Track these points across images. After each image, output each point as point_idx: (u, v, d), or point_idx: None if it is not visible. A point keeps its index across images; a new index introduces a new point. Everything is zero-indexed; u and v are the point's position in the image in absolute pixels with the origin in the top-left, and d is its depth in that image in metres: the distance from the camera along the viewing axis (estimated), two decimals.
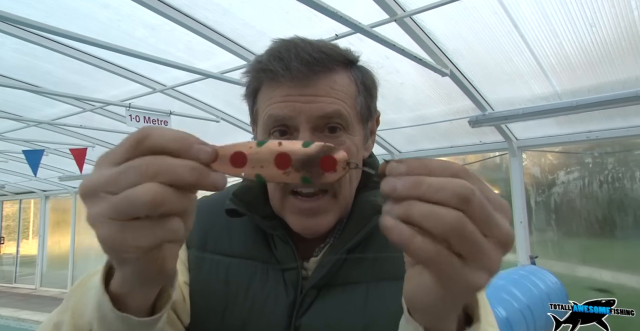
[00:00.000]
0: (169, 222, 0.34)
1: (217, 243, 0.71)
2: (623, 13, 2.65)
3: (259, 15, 3.06)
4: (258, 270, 0.68)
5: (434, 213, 0.31)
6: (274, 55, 0.63)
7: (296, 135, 0.62)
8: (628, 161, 4.00)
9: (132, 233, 0.34)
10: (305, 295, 0.65)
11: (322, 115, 0.62)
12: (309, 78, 0.61)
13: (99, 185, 0.34)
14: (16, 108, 4.91)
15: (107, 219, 0.33)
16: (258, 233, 0.70)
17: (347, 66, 0.67)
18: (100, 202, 0.34)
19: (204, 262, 0.70)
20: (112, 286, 0.43)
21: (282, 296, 0.65)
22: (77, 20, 3.15)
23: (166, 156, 0.34)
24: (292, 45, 0.63)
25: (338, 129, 0.63)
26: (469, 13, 2.79)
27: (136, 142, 0.34)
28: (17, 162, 6.89)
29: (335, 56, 0.64)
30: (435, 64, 3.07)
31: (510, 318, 2.90)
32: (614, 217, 4.06)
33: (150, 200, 0.32)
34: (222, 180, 0.35)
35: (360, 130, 0.68)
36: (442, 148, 4.77)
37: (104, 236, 0.34)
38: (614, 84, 3.26)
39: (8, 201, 11.33)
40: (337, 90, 0.63)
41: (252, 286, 0.67)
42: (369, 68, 0.71)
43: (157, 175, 0.33)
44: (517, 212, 4.25)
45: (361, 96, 0.67)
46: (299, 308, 0.64)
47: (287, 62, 0.61)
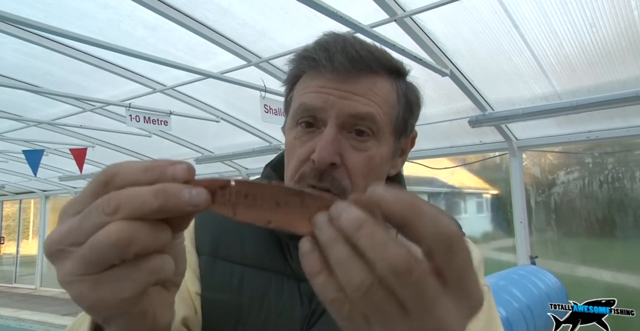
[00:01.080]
0: (147, 262, 0.30)
1: (229, 250, 0.67)
2: (623, 13, 2.64)
3: (259, 15, 3.06)
4: (272, 280, 0.64)
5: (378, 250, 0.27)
6: (321, 45, 0.61)
7: (323, 129, 0.59)
8: (628, 161, 4.00)
9: (109, 286, 0.29)
10: (317, 305, 0.62)
11: (354, 114, 0.59)
12: (350, 74, 0.59)
13: (62, 239, 0.29)
14: (16, 108, 4.91)
15: (78, 277, 0.29)
16: (272, 240, 0.67)
17: (392, 74, 0.64)
18: (66, 259, 0.29)
19: (215, 270, 0.66)
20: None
21: (297, 310, 0.62)
22: (77, 20, 3.14)
23: (128, 187, 0.29)
24: (342, 39, 0.61)
25: (366, 134, 0.60)
26: (469, 13, 2.79)
27: (103, 185, 0.30)
28: (17, 162, 6.89)
29: (382, 60, 0.62)
30: (435, 64, 3.07)
31: (510, 318, 2.90)
32: (614, 217, 4.06)
33: (114, 241, 0.28)
34: (201, 196, 0.29)
35: (391, 142, 0.64)
36: (442, 148, 4.77)
37: (78, 296, 0.29)
38: (614, 84, 3.25)
39: (8, 201, 11.34)
40: (376, 93, 0.60)
41: (266, 297, 0.63)
42: (417, 87, 0.68)
43: (117, 210, 0.28)
44: (517, 212, 4.25)
45: (400, 107, 0.64)
46: (309, 319, 0.62)
47: (332, 54, 0.59)
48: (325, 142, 0.57)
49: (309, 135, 0.61)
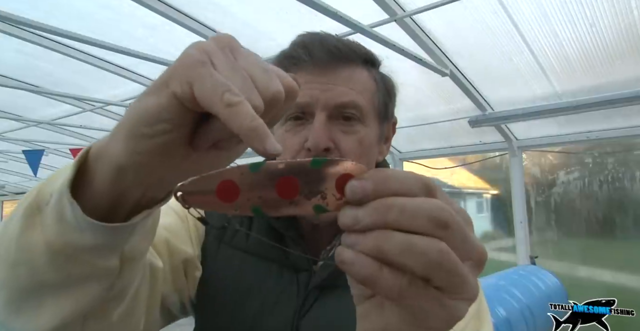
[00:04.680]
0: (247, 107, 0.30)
1: (234, 237, 0.70)
2: (623, 13, 2.64)
3: (259, 15, 3.06)
4: (273, 269, 0.67)
5: (413, 248, 0.26)
6: (299, 43, 0.65)
7: (311, 121, 0.63)
8: (628, 161, 4.00)
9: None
10: (308, 296, 0.65)
11: (339, 104, 0.62)
12: (330, 66, 0.63)
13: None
14: (16, 109, 4.91)
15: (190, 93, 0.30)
16: (274, 232, 0.70)
17: (367, 64, 0.68)
18: (204, 79, 0.30)
19: (219, 253, 0.69)
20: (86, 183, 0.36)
21: (294, 298, 0.65)
22: (77, 20, 3.14)
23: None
24: (317, 36, 0.66)
25: (353, 119, 0.64)
26: (469, 13, 2.79)
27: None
28: (17, 162, 6.89)
29: (358, 52, 0.66)
30: (435, 64, 3.07)
31: (510, 318, 2.90)
32: (614, 217, 4.06)
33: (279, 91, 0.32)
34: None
35: (376, 126, 0.68)
36: (442, 148, 4.77)
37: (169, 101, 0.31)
38: (614, 84, 3.25)
39: (8, 201, 11.33)
40: (356, 82, 0.64)
41: (265, 285, 0.66)
42: (389, 76, 0.73)
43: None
44: (517, 211, 4.24)
45: (380, 93, 0.68)
46: (301, 308, 0.64)
47: (311, 50, 0.63)
48: (318, 128, 0.61)
49: (299, 127, 0.64)
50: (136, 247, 0.42)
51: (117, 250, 0.40)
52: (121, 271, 0.41)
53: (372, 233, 0.27)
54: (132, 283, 0.46)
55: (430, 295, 0.28)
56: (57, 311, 0.40)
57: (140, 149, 0.32)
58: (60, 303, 0.40)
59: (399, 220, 0.26)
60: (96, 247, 0.37)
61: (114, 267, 0.40)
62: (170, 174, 0.36)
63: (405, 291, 0.27)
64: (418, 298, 0.28)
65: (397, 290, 0.27)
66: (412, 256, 0.26)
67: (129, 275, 0.44)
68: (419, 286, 0.27)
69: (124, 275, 0.42)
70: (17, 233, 0.39)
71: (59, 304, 0.40)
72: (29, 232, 0.38)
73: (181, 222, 0.69)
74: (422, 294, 0.27)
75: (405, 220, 0.26)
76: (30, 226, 0.39)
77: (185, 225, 0.69)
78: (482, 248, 0.30)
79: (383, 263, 0.27)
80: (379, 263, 0.27)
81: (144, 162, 0.33)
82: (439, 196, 0.29)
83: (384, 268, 0.27)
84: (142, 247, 0.44)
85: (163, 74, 0.32)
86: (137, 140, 0.32)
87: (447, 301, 0.28)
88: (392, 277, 0.27)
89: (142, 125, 0.32)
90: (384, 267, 0.27)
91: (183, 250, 0.66)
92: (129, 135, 0.32)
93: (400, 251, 0.26)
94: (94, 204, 0.36)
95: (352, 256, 0.27)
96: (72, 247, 0.37)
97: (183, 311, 0.70)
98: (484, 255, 0.30)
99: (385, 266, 0.27)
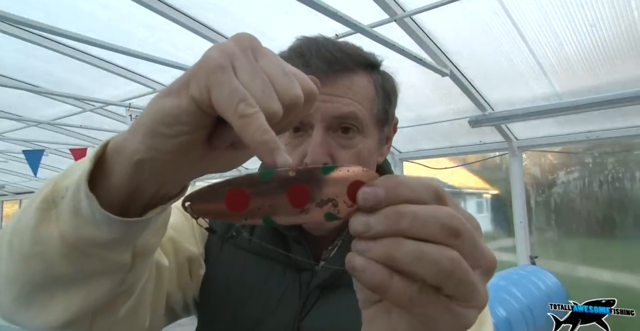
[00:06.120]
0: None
1: (237, 236, 0.71)
2: (623, 13, 2.64)
3: (259, 15, 3.06)
4: (276, 268, 0.68)
5: (425, 256, 0.26)
6: (295, 51, 0.64)
7: (310, 132, 0.62)
8: (628, 161, 4.00)
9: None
10: (309, 296, 0.65)
11: (337, 116, 0.61)
12: (328, 76, 0.61)
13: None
14: (16, 109, 4.91)
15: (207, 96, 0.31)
16: (277, 232, 0.70)
17: (367, 68, 0.67)
18: (223, 85, 0.30)
19: (222, 252, 0.70)
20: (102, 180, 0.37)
21: (296, 297, 0.65)
22: (77, 20, 3.14)
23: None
24: (314, 43, 0.63)
25: (352, 130, 0.63)
26: (469, 13, 2.79)
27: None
28: (17, 162, 6.89)
29: (356, 57, 0.64)
30: (435, 64, 3.07)
31: (510, 318, 2.90)
32: (614, 217, 4.06)
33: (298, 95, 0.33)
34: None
35: (376, 134, 0.67)
36: (442, 148, 4.77)
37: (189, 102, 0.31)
38: (614, 84, 3.25)
39: (8, 201, 11.33)
40: (355, 92, 0.63)
41: (267, 284, 0.66)
42: (390, 74, 0.71)
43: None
44: (517, 212, 4.24)
45: (379, 99, 0.67)
46: (302, 308, 0.64)
47: (308, 59, 0.61)
48: (315, 145, 0.60)
49: (297, 140, 0.63)
50: (148, 242, 0.43)
51: (130, 245, 0.40)
52: (132, 266, 0.42)
53: (383, 240, 0.27)
54: (141, 278, 0.47)
55: (440, 303, 0.28)
56: (68, 306, 0.40)
57: (159, 147, 0.33)
58: (71, 297, 0.40)
59: (411, 227, 0.27)
60: (111, 241, 0.38)
61: (126, 262, 0.41)
62: (187, 171, 0.37)
63: (415, 299, 0.27)
64: (428, 306, 0.28)
65: (407, 297, 0.27)
66: (424, 264, 0.26)
67: (140, 270, 0.44)
68: (429, 294, 0.27)
69: (135, 270, 0.43)
70: (32, 226, 0.39)
71: (70, 298, 0.40)
72: (43, 225, 0.39)
73: (185, 220, 0.70)
74: (432, 302, 0.28)
75: (417, 228, 0.26)
76: (45, 219, 0.39)
77: (189, 224, 0.70)
78: (492, 256, 0.30)
79: (394, 270, 0.27)
80: (389, 270, 0.27)
81: (162, 159, 0.34)
82: (449, 203, 0.29)
83: (394, 276, 0.27)
84: (154, 242, 0.45)
85: (184, 75, 0.33)
86: (157, 138, 0.33)
87: (457, 310, 0.28)
88: (403, 285, 0.27)
89: (161, 125, 0.32)
90: (394, 275, 0.27)
91: (188, 249, 0.67)
92: (149, 133, 0.33)
93: (412, 260, 0.26)
94: (110, 199, 0.37)
95: (363, 263, 0.27)
96: (87, 240, 0.37)
97: (186, 310, 0.70)
98: (494, 263, 0.30)
99: (396, 274, 0.27)
